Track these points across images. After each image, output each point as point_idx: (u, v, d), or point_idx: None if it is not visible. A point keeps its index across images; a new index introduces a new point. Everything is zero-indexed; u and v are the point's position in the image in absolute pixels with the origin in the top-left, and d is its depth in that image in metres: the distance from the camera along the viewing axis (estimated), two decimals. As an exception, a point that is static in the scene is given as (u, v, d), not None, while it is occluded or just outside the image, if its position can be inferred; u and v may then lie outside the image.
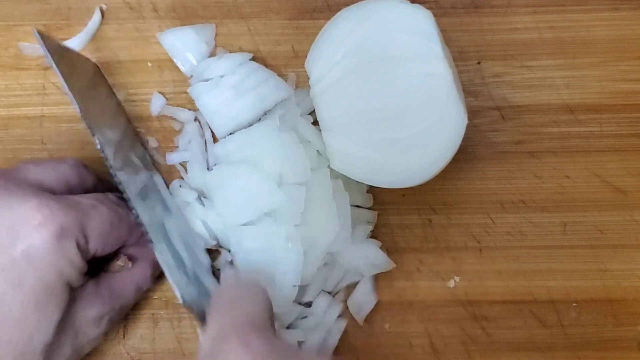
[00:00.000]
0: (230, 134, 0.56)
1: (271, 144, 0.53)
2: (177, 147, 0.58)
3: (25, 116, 0.58)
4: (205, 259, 0.54)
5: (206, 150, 0.57)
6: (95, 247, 0.48)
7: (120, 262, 0.52)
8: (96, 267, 0.50)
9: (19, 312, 0.43)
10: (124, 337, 0.54)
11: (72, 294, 0.47)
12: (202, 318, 0.48)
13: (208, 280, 0.52)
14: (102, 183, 0.53)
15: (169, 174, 0.57)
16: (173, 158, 0.57)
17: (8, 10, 0.60)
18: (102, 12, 0.60)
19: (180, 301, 0.48)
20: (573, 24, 0.60)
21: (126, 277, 0.51)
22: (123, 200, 0.50)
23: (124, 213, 0.50)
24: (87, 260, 0.47)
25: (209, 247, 0.55)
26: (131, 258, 0.52)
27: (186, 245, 0.52)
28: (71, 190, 0.50)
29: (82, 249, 0.46)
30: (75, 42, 0.59)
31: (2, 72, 0.59)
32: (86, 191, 0.51)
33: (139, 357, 0.54)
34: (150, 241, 0.49)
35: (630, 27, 0.60)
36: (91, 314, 0.48)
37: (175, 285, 0.49)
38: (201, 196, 0.56)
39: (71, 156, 0.53)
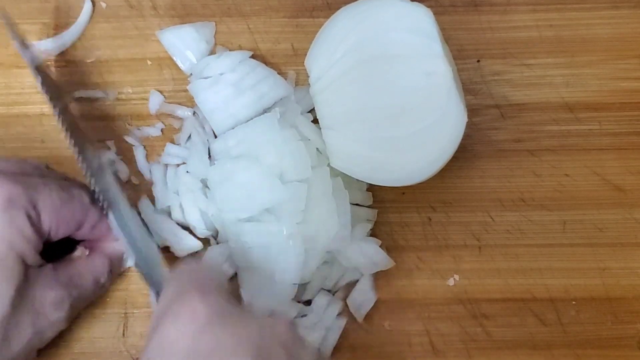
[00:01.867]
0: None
1: (271, 138, 0.53)
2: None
3: (24, 114, 0.58)
4: (157, 256, 0.54)
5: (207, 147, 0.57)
6: (49, 222, 0.48)
7: (77, 252, 0.53)
8: (55, 256, 0.51)
9: None
10: (123, 335, 0.54)
11: (28, 273, 0.47)
12: (150, 281, 0.50)
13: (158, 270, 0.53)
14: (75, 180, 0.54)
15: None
16: (171, 155, 0.57)
17: (7, 8, 0.60)
18: (99, 8, 0.60)
19: (132, 263, 0.51)
20: (572, 22, 0.60)
21: (84, 267, 0.52)
22: (83, 186, 0.51)
23: (77, 192, 0.50)
24: (44, 242, 0.48)
25: (203, 237, 0.55)
26: (89, 249, 0.53)
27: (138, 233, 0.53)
28: None
29: (33, 222, 0.47)
30: (67, 36, 0.59)
31: (1, 70, 0.59)
32: None
33: (138, 355, 0.54)
34: (107, 208, 0.51)
35: (630, 25, 0.60)
36: (50, 296, 0.48)
37: (129, 246, 0.51)
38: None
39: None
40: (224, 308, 0.43)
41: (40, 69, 0.55)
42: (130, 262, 0.51)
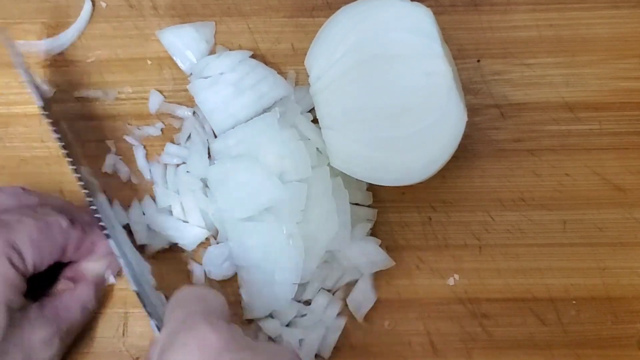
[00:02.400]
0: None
1: (271, 137, 0.53)
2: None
3: (24, 114, 0.58)
4: (151, 280, 0.53)
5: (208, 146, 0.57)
6: (31, 258, 0.47)
7: (62, 285, 0.52)
8: (38, 293, 0.50)
9: None
10: (123, 335, 0.54)
11: (14, 317, 0.46)
12: (150, 308, 0.50)
13: (155, 298, 0.52)
14: (52, 200, 0.53)
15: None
16: (171, 154, 0.57)
17: (7, 8, 0.60)
18: (99, 8, 0.60)
19: (134, 287, 0.50)
20: (572, 22, 0.60)
21: (70, 298, 0.51)
22: (61, 208, 0.51)
23: (53, 220, 0.49)
24: (28, 279, 0.48)
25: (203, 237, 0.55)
26: (73, 279, 0.52)
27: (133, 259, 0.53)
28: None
29: (16, 265, 0.47)
30: (67, 36, 0.59)
31: (1, 70, 0.59)
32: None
33: (138, 355, 0.54)
34: (107, 235, 0.51)
35: (630, 25, 0.60)
36: (39, 336, 0.48)
37: (129, 272, 0.50)
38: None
39: (12, 184, 0.53)
40: (233, 335, 0.42)
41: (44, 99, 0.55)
42: (132, 287, 0.50)
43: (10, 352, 0.46)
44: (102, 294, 0.54)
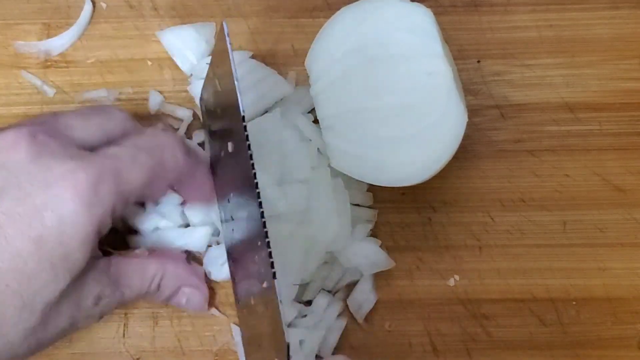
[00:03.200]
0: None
1: (272, 137, 0.53)
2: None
3: (25, 115, 0.58)
4: None
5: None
6: (135, 197, 0.46)
7: (137, 251, 0.51)
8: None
9: (33, 267, 0.43)
10: (123, 335, 0.54)
11: (87, 265, 0.45)
12: None
13: None
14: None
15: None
16: None
17: (7, 8, 0.60)
18: (99, 8, 0.60)
19: None
20: (572, 23, 0.60)
21: (136, 267, 0.50)
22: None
23: (170, 157, 0.47)
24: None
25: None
26: (151, 251, 0.51)
27: None
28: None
29: (116, 214, 0.45)
30: (67, 37, 0.59)
31: (1, 70, 0.59)
32: None
33: (138, 355, 0.54)
34: None
35: (630, 25, 0.60)
36: (95, 290, 0.47)
37: None
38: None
39: (119, 108, 0.51)
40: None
41: None
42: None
43: (70, 297, 0.45)
44: (170, 292, 0.51)
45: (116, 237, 0.52)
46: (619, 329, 0.55)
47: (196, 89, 0.57)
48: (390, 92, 0.52)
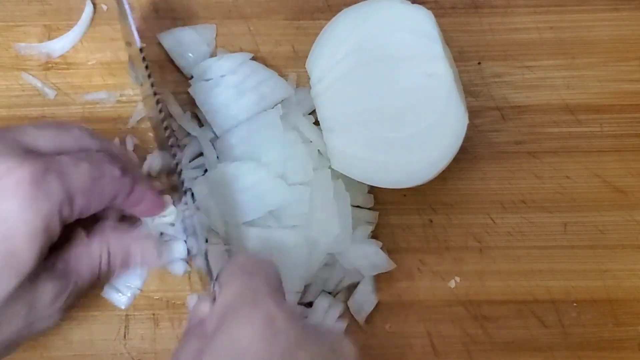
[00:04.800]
0: (232, 132, 0.56)
1: (274, 135, 0.53)
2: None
3: (25, 116, 0.58)
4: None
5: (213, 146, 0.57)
6: (80, 208, 0.46)
7: (76, 235, 0.49)
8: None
9: None
10: (124, 337, 0.54)
11: (38, 265, 0.44)
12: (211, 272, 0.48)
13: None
14: (110, 145, 0.51)
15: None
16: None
17: (8, 10, 0.60)
18: (100, 10, 0.60)
19: (200, 256, 0.48)
20: (573, 24, 0.60)
21: (81, 252, 0.48)
22: (114, 157, 0.49)
23: (108, 169, 0.47)
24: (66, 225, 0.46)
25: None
26: (88, 233, 0.50)
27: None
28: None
29: (64, 215, 0.45)
30: (68, 39, 0.59)
31: (2, 72, 0.59)
32: None
33: (139, 357, 0.54)
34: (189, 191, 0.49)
35: (631, 27, 0.60)
36: (48, 288, 0.46)
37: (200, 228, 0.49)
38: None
39: (79, 125, 0.50)
40: (293, 315, 0.42)
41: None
42: (197, 256, 0.48)
43: (22, 299, 0.45)
44: (121, 265, 0.50)
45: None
46: (619, 331, 0.55)
47: (197, 90, 0.57)
48: (391, 94, 0.52)
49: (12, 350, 0.46)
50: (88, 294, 0.53)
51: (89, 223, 0.49)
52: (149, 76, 0.51)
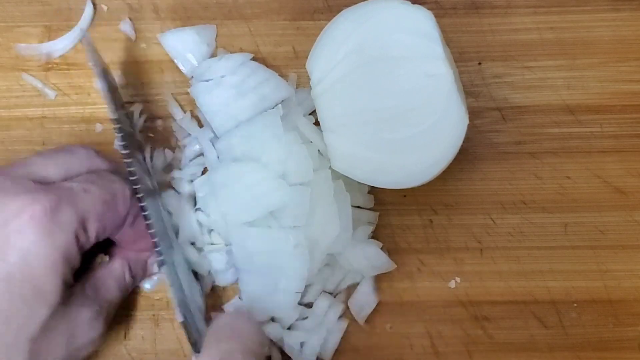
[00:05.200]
0: (232, 133, 0.56)
1: (275, 135, 0.53)
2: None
3: (26, 117, 0.58)
4: (200, 301, 0.53)
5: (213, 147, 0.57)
6: (96, 232, 0.47)
7: (98, 258, 0.52)
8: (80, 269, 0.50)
9: (6, 305, 0.43)
10: (125, 337, 0.54)
11: (65, 293, 0.46)
12: (194, 341, 0.49)
13: (201, 323, 0.52)
14: (116, 166, 0.52)
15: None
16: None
17: (9, 11, 0.60)
18: (100, 11, 0.60)
19: (180, 319, 0.49)
20: (573, 25, 0.60)
21: (106, 273, 0.51)
22: (117, 174, 0.50)
23: (120, 188, 0.49)
24: (85, 251, 0.47)
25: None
26: (109, 254, 0.52)
27: (185, 279, 0.52)
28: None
29: (81, 242, 0.46)
30: (68, 39, 0.59)
31: (3, 73, 0.59)
32: None
33: (140, 357, 0.54)
34: (157, 246, 0.50)
35: (631, 28, 0.60)
36: (85, 314, 0.47)
37: (176, 301, 0.49)
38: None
39: (83, 145, 0.51)
40: None
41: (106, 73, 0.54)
42: (178, 318, 0.49)
43: (59, 328, 0.46)
44: (142, 274, 0.53)
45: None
46: (620, 331, 0.55)
47: (197, 91, 0.57)
48: (391, 94, 0.52)
49: None
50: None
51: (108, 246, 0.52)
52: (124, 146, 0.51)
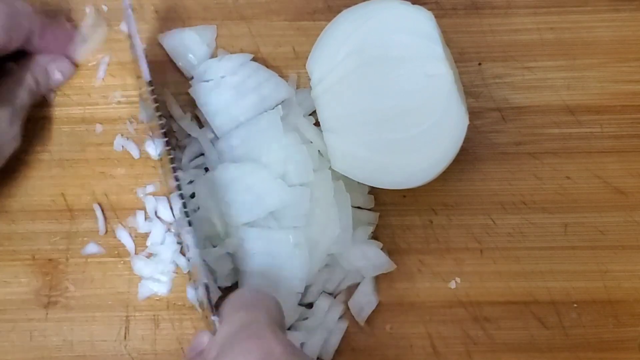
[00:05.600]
0: (232, 133, 0.56)
1: (275, 135, 0.53)
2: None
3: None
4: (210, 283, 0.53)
5: (213, 147, 0.57)
6: (2, 40, 0.51)
7: (7, 66, 0.55)
8: None
9: None
10: (125, 338, 0.54)
11: None
12: (214, 304, 0.48)
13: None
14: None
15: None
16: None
17: (9, 11, 0.60)
18: (100, 12, 0.60)
19: (204, 280, 0.48)
20: (573, 25, 0.60)
21: (14, 79, 0.55)
22: None
23: (21, 5, 0.53)
24: None
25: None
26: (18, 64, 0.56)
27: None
28: None
29: None
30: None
31: (3, 73, 0.59)
32: None
33: (140, 358, 0.54)
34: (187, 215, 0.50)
35: (631, 28, 0.60)
36: (4, 114, 0.52)
37: (199, 261, 0.50)
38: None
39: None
40: (294, 350, 0.42)
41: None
42: (201, 279, 0.49)
43: None
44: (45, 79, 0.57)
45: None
46: (620, 332, 0.55)
47: (197, 91, 0.57)
48: (391, 95, 0.52)
49: None
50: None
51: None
52: (157, 110, 0.52)
